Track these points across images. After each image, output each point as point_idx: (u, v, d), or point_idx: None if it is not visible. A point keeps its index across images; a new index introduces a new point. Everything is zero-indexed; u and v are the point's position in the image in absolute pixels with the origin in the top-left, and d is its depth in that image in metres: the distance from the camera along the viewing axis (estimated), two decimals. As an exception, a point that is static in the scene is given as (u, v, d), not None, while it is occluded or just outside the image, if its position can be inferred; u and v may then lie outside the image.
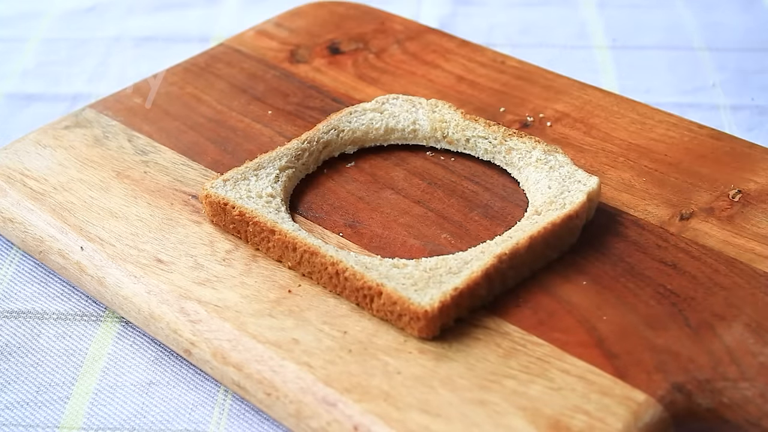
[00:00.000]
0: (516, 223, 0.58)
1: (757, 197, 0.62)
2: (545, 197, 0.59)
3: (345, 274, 0.54)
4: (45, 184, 0.64)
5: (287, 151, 0.63)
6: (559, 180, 0.60)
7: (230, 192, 0.60)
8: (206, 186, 0.60)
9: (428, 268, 0.54)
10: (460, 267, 0.54)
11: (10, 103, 0.83)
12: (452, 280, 0.53)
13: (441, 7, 0.96)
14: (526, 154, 0.63)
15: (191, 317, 0.55)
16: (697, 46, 0.90)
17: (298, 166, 0.63)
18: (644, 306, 0.54)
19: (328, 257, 0.55)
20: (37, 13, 0.97)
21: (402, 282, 0.53)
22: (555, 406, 0.49)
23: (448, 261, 0.55)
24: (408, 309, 0.52)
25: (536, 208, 0.59)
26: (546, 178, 0.61)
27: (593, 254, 0.58)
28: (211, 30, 0.94)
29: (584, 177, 0.60)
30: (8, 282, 0.63)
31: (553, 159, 0.62)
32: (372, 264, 0.55)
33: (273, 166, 0.62)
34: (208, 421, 0.54)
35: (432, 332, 0.52)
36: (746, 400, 0.50)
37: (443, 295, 0.52)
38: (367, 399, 0.49)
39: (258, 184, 0.61)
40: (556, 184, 0.60)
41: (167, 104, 0.72)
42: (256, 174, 0.61)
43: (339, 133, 0.65)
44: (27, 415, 0.55)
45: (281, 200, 0.60)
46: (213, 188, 0.60)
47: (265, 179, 0.61)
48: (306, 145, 0.64)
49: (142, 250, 0.59)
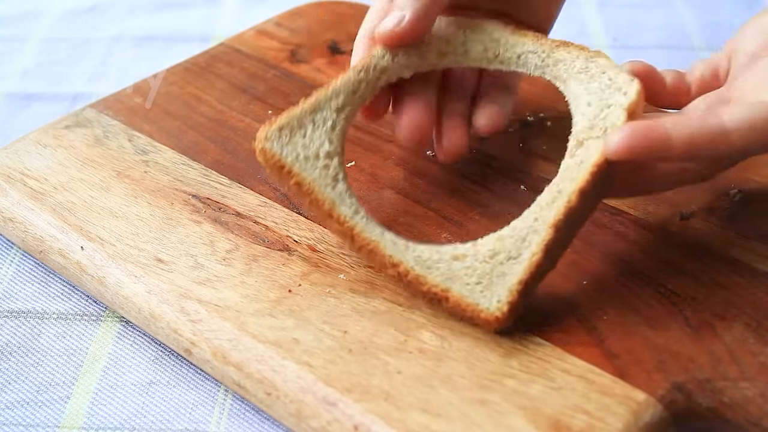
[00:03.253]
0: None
1: (758, 197, 0.62)
2: (586, 119, 0.56)
3: (407, 278, 0.53)
4: (45, 183, 0.64)
5: (343, 86, 0.59)
6: (599, 93, 0.57)
7: (286, 148, 0.56)
8: (260, 137, 0.56)
9: (487, 255, 0.53)
10: (519, 247, 0.53)
11: (10, 103, 0.83)
12: (515, 269, 0.52)
13: (441, 7, 0.96)
14: (570, 65, 0.59)
15: (191, 317, 0.55)
16: (697, 46, 0.90)
17: (355, 100, 0.59)
18: (645, 306, 0.54)
19: (387, 257, 0.54)
20: (38, 13, 0.97)
21: (466, 282, 0.52)
22: (555, 406, 0.49)
23: (505, 242, 0.53)
24: (479, 317, 0.52)
25: (578, 138, 0.55)
26: (586, 92, 0.57)
27: (593, 254, 0.58)
28: (211, 30, 0.94)
29: (625, 82, 0.56)
30: (8, 281, 0.63)
31: (594, 66, 0.58)
32: (431, 260, 0.54)
33: (330, 107, 0.58)
34: (208, 421, 0.54)
35: (507, 325, 0.52)
36: (747, 400, 0.50)
37: (510, 294, 0.52)
38: (368, 399, 0.49)
39: (315, 135, 0.57)
40: (595, 99, 0.56)
41: (167, 104, 0.72)
42: (312, 120, 0.57)
43: (394, 56, 0.60)
44: (27, 415, 0.55)
45: (338, 162, 0.57)
46: (269, 142, 0.56)
47: (321, 127, 0.57)
48: (362, 75, 0.59)
49: (143, 250, 0.59)
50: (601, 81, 0.57)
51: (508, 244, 0.53)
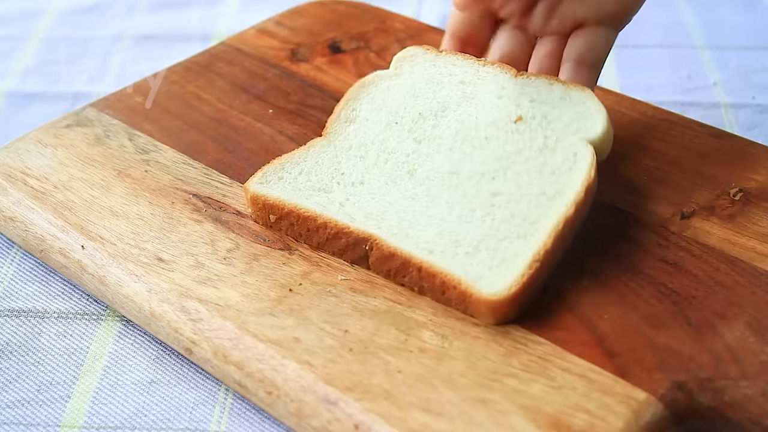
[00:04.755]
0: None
1: (758, 196, 0.62)
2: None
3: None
4: (46, 182, 0.64)
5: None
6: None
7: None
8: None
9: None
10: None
11: (10, 102, 0.83)
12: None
13: (442, 6, 0.96)
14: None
15: (192, 316, 0.55)
16: (698, 44, 0.90)
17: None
18: (645, 305, 0.54)
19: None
20: (38, 12, 0.97)
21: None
22: (556, 405, 0.49)
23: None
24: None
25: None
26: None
27: (594, 253, 0.58)
28: (211, 29, 0.94)
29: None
30: (9, 281, 0.63)
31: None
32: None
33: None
34: (209, 420, 0.54)
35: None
36: (747, 399, 0.50)
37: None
38: (368, 398, 0.49)
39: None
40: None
41: (168, 103, 0.72)
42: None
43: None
44: (28, 414, 0.55)
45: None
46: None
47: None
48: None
49: (143, 249, 0.59)
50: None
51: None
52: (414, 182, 0.59)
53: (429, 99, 0.64)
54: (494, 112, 0.62)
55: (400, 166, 0.61)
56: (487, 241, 0.55)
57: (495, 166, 0.59)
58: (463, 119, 0.62)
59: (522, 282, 0.52)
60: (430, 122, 0.63)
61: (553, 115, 0.61)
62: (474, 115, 0.62)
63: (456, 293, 0.53)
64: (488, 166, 0.59)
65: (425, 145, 0.61)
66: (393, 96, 0.65)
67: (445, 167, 0.60)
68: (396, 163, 0.61)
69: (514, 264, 0.53)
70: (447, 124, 0.62)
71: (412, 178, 0.60)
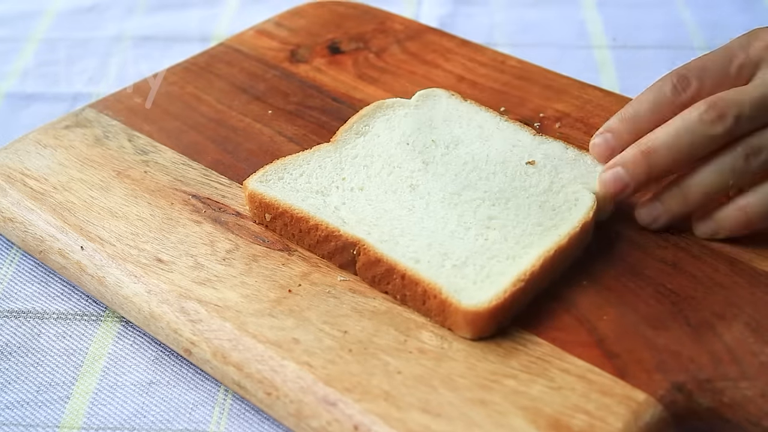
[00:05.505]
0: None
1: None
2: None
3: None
4: (45, 183, 0.64)
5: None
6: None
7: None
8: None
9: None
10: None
11: (10, 103, 0.83)
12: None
13: (441, 7, 0.96)
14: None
15: (191, 317, 0.55)
16: (697, 45, 0.90)
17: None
18: (644, 305, 0.54)
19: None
20: (37, 13, 0.97)
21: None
22: (555, 406, 0.49)
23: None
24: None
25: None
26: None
27: (593, 254, 0.58)
28: (211, 30, 0.94)
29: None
30: (8, 281, 0.63)
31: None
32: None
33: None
34: (208, 421, 0.54)
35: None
36: (747, 400, 0.50)
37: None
38: (368, 399, 0.49)
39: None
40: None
41: (167, 104, 0.72)
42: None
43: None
44: (27, 415, 0.55)
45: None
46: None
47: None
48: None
49: (143, 250, 0.59)
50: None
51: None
52: (414, 195, 0.59)
53: (444, 132, 0.65)
54: (507, 154, 0.63)
55: (404, 180, 0.61)
56: (476, 258, 0.55)
57: (497, 196, 0.59)
58: (474, 153, 0.63)
59: (503, 297, 0.52)
60: (441, 150, 0.63)
61: (563, 169, 0.61)
62: (486, 153, 0.63)
63: (436, 302, 0.53)
64: (490, 194, 0.59)
65: (432, 167, 0.61)
66: (409, 122, 0.65)
67: (448, 188, 0.60)
68: (400, 176, 0.61)
69: (498, 281, 0.53)
70: (458, 154, 0.63)
71: (413, 191, 0.60)
